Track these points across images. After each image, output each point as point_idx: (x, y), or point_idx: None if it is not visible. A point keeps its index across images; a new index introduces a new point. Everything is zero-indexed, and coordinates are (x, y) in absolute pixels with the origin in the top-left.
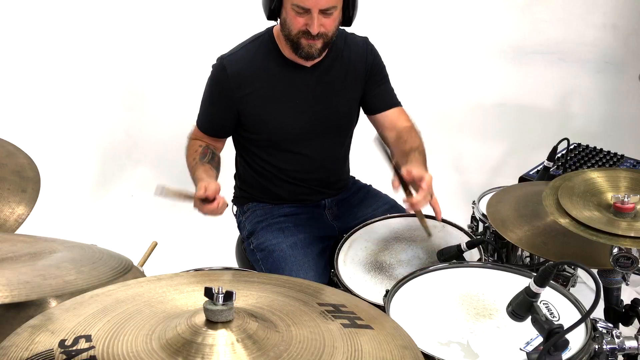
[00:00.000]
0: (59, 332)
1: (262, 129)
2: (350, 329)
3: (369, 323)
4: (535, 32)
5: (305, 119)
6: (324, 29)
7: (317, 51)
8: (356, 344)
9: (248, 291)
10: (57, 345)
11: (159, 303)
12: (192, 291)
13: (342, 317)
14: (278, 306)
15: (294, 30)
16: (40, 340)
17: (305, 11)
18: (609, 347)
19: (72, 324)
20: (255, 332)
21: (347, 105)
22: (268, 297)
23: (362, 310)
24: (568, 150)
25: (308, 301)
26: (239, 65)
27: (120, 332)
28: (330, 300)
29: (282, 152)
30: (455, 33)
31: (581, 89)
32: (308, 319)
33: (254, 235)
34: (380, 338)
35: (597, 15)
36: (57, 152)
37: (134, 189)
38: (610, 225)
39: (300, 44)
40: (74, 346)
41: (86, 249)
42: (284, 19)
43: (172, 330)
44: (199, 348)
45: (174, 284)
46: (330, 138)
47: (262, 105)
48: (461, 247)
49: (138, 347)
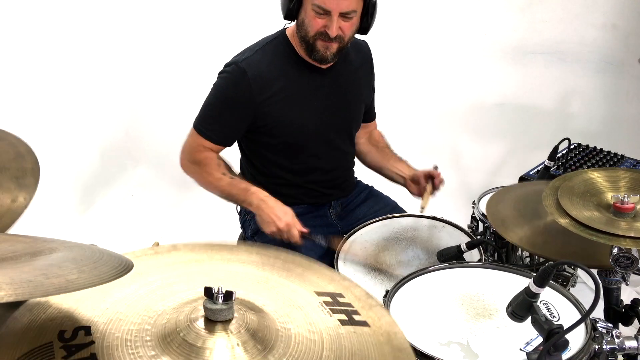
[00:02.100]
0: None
1: (281, 131)
2: (348, 327)
3: (366, 319)
4: (535, 32)
5: (321, 120)
6: (341, 33)
7: (331, 55)
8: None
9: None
10: (57, 339)
11: (161, 288)
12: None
13: (340, 311)
14: (274, 297)
15: (312, 32)
16: (40, 329)
17: (326, 12)
18: (608, 347)
19: (71, 314)
20: (255, 332)
21: (358, 106)
22: (261, 274)
23: (359, 299)
24: (569, 150)
25: (306, 290)
26: (259, 68)
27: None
28: (327, 288)
29: (297, 154)
30: (455, 33)
31: (581, 89)
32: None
33: (258, 235)
34: (375, 338)
35: (597, 15)
36: (57, 151)
37: (134, 189)
38: (610, 225)
39: (315, 46)
40: (73, 340)
41: (86, 249)
42: (302, 19)
43: (172, 329)
44: (199, 352)
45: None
46: (343, 140)
47: (282, 107)
48: (461, 248)
49: (137, 343)
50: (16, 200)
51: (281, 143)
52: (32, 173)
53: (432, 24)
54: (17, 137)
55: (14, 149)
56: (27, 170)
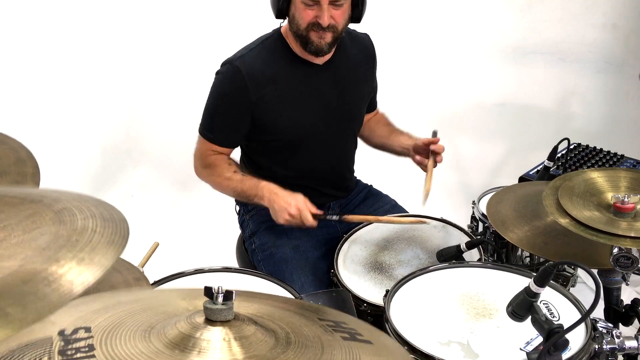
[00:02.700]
0: (60, 323)
1: (277, 129)
2: (350, 342)
3: (369, 339)
4: (535, 32)
5: (320, 117)
6: (333, 21)
7: (326, 45)
8: (355, 355)
9: (250, 303)
10: (57, 334)
11: (162, 306)
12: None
13: (343, 331)
14: (279, 317)
15: (304, 24)
16: (40, 329)
17: (315, 3)
18: (609, 347)
19: (73, 318)
20: (253, 333)
21: (358, 103)
22: (269, 310)
23: (363, 328)
24: (568, 150)
25: (309, 317)
26: (254, 66)
27: (120, 326)
28: (331, 317)
29: (294, 153)
30: (455, 33)
31: (581, 89)
32: (308, 330)
33: (256, 235)
34: (379, 352)
35: (597, 15)
36: (57, 151)
37: (134, 189)
38: (610, 225)
39: (309, 37)
40: (74, 335)
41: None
42: (292, 14)
43: (171, 326)
44: (196, 342)
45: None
46: (344, 137)
47: (278, 105)
48: (461, 248)
49: (136, 340)
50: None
51: (278, 141)
52: (32, 178)
53: (432, 24)
54: (18, 142)
55: (14, 154)
56: (27, 175)
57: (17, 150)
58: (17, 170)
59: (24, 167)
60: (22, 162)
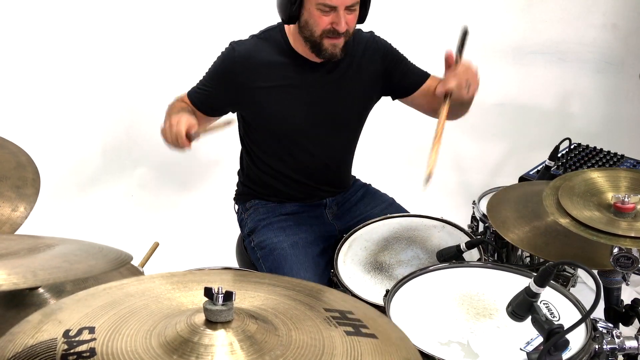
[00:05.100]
0: (67, 322)
1: (265, 120)
2: (353, 337)
3: (374, 332)
4: (535, 32)
5: (311, 113)
6: (347, 26)
7: (340, 51)
8: (357, 352)
9: (255, 292)
10: (61, 335)
11: (167, 300)
12: (199, 289)
13: (347, 324)
14: (283, 309)
15: (318, 31)
16: (47, 328)
17: (332, 9)
18: (609, 347)
19: (79, 315)
20: (253, 334)
21: (358, 103)
22: (275, 300)
23: (369, 318)
24: (569, 150)
25: (315, 305)
26: (248, 51)
27: (123, 325)
28: (337, 306)
29: (286, 147)
30: (455, 33)
31: (581, 89)
32: (311, 324)
33: (255, 233)
34: (383, 348)
35: (597, 15)
36: (57, 152)
37: (134, 189)
38: (610, 225)
39: (323, 44)
40: (77, 337)
41: (81, 243)
42: (305, 20)
43: (172, 329)
44: (195, 347)
45: (184, 280)
46: (338, 135)
47: (267, 95)
48: (460, 248)
49: (137, 341)
50: (17, 210)
51: (267, 132)
52: (32, 183)
53: (432, 24)
54: (18, 146)
55: (15, 158)
56: (27, 180)
57: (17, 155)
58: (17, 175)
59: (24, 172)
60: (22, 167)
